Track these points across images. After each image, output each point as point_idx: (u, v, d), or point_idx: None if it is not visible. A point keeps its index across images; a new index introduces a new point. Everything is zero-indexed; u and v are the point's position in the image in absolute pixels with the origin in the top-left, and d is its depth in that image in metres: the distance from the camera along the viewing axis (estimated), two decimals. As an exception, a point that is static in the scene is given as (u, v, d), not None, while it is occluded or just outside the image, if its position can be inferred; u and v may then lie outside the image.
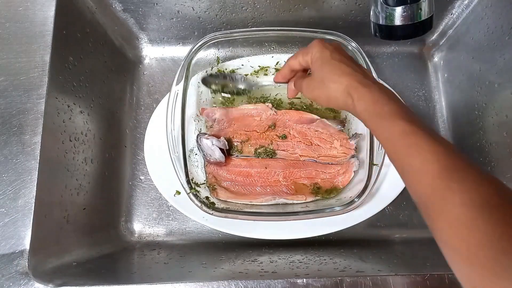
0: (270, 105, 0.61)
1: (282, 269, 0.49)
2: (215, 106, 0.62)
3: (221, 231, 0.58)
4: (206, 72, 0.63)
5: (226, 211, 0.53)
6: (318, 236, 0.57)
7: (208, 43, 0.59)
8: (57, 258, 0.46)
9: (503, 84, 0.55)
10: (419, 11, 0.46)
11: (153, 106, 0.66)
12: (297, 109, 0.62)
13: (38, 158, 0.44)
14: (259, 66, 0.64)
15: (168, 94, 0.57)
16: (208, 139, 0.56)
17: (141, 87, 0.68)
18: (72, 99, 0.52)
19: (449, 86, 0.68)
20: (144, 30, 0.67)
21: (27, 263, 0.41)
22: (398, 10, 0.45)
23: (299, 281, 0.42)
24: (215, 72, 0.63)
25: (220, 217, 0.52)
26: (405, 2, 0.45)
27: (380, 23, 0.48)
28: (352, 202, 0.52)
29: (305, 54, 0.46)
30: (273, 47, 0.66)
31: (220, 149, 0.56)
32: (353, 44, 0.60)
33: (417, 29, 0.47)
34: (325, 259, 0.52)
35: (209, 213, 0.52)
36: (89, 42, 0.57)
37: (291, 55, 0.61)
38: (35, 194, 0.43)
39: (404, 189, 0.60)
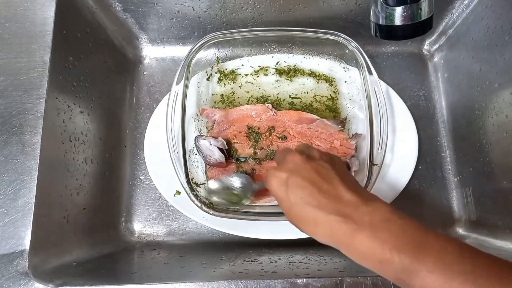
0: (270, 105, 0.61)
1: (282, 269, 0.49)
2: (215, 107, 0.62)
3: (221, 231, 0.58)
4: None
5: (227, 211, 0.53)
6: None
7: (208, 43, 0.59)
8: (57, 258, 0.46)
9: (503, 84, 0.55)
10: (419, 11, 0.46)
11: (153, 106, 0.66)
12: (296, 109, 0.62)
13: (38, 158, 0.44)
14: (259, 66, 0.64)
15: (168, 94, 0.57)
16: (205, 139, 0.56)
17: (141, 87, 0.68)
18: (72, 99, 0.52)
19: (449, 86, 0.68)
20: (144, 30, 0.67)
21: (27, 263, 0.41)
22: (398, 10, 0.45)
23: (299, 281, 0.42)
24: (215, 188, 0.53)
25: (220, 217, 0.52)
26: (405, 2, 0.45)
27: (380, 23, 0.48)
28: None
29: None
30: (273, 47, 0.66)
31: (220, 149, 0.56)
32: (353, 44, 0.60)
33: (417, 29, 0.47)
34: (325, 259, 0.52)
35: (209, 213, 0.52)
36: (89, 42, 0.57)
37: (291, 55, 0.62)
38: (35, 194, 0.43)
39: (404, 189, 0.60)
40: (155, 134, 0.61)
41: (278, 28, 0.60)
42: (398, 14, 0.46)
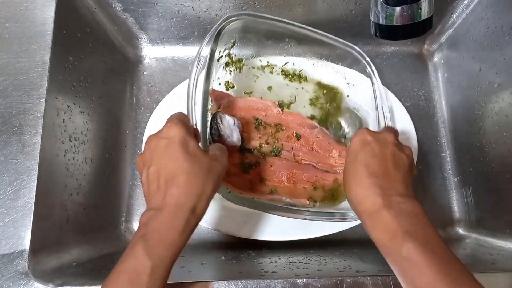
0: (276, 102, 0.60)
1: (282, 269, 0.49)
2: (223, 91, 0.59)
3: (220, 232, 0.58)
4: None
5: (243, 200, 0.49)
6: (318, 236, 0.57)
7: (237, 19, 0.54)
8: (57, 258, 0.46)
9: (503, 84, 0.55)
10: (419, 11, 0.46)
11: (153, 106, 0.66)
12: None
13: (38, 158, 0.44)
14: (267, 62, 0.63)
15: (168, 94, 0.57)
16: (231, 117, 0.52)
17: (141, 87, 0.68)
18: (72, 99, 0.52)
19: (449, 86, 0.68)
20: (144, 30, 0.67)
21: (27, 263, 0.41)
22: (398, 10, 0.45)
23: (299, 281, 0.42)
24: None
25: (235, 202, 0.47)
26: (405, 2, 0.45)
27: (380, 23, 0.48)
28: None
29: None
30: (291, 45, 0.62)
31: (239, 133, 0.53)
32: (367, 59, 0.60)
33: (417, 29, 0.47)
34: (325, 259, 0.52)
35: (225, 197, 0.47)
36: (89, 42, 0.57)
37: (304, 58, 0.59)
38: (35, 194, 0.43)
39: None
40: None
41: (309, 28, 0.58)
42: (398, 14, 0.46)
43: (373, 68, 0.60)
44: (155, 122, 0.62)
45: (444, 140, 0.67)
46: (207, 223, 0.56)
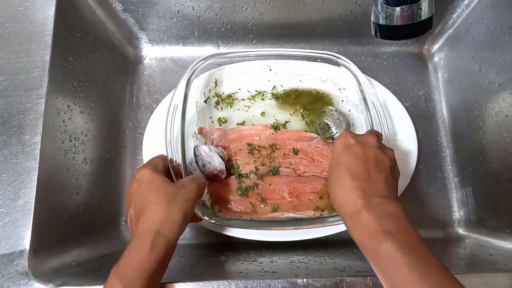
0: (269, 125, 0.60)
1: (282, 269, 0.49)
2: (214, 127, 0.60)
3: (220, 232, 0.58)
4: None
5: (228, 220, 0.52)
6: (318, 236, 0.57)
7: (206, 63, 0.57)
8: (57, 258, 0.46)
9: (503, 84, 0.55)
10: (419, 11, 0.46)
11: (153, 106, 0.66)
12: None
13: (38, 158, 0.44)
14: (256, 91, 0.63)
15: (167, 96, 0.57)
16: (205, 145, 0.55)
17: (141, 87, 0.68)
18: (72, 99, 0.52)
19: (449, 86, 0.68)
20: (144, 30, 0.67)
21: (27, 263, 0.41)
22: (398, 10, 0.45)
23: (299, 281, 0.42)
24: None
25: (223, 225, 0.52)
26: (405, 2, 0.45)
27: (380, 23, 0.48)
28: None
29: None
30: (270, 69, 0.63)
31: (220, 157, 0.54)
32: (351, 65, 0.59)
33: (417, 29, 0.47)
34: (325, 259, 0.52)
35: (211, 222, 0.50)
36: (89, 42, 0.57)
37: (288, 79, 0.60)
38: (35, 194, 0.43)
39: (404, 189, 0.60)
40: (154, 135, 0.60)
41: (273, 50, 0.60)
42: (398, 14, 0.46)
43: (352, 67, 0.59)
44: (155, 122, 0.61)
45: (444, 140, 0.67)
46: (207, 224, 0.56)
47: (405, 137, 0.62)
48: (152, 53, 0.70)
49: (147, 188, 0.42)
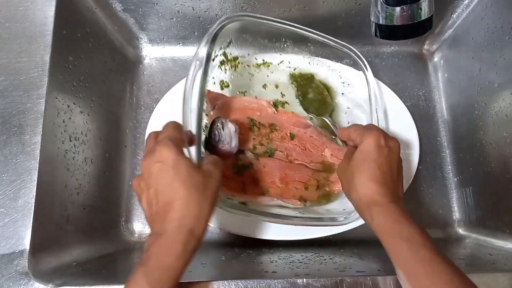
0: (271, 101, 0.60)
1: (282, 269, 0.49)
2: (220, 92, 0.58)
3: (220, 231, 0.58)
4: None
5: (234, 206, 0.49)
6: (318, 236, 0.57)
7: (233, 20, 0.52)
8: (57, 258, 0.46)
9: (503, 84, 0.55)
10: (419, 11, 0.46)
11: (153, 106, 0.66)
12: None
13: (38, 158, 0.44)
14: (263, 60, 0.62)
15: (167, 93, 0.56)
16: (233, 124, 0.51)
17: (141, 87, 0.68)
18: (72, 99, 0.52)
19: (449, 86, 0.68)
20: (144, 30, 0.67)
21: (27, 263, 0.41)
22: (398, 10, 0.46)
23: (299, 281, 0.42)
24: None
25: (228, 211, 0.48)
26: (405, 2, 0.45)
27: (380, 23, 0.48)
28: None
29: (357, 135, 0.49)
30: (287, 44, 0.62)
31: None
32: (365, 62, 0.59)
33: (417, 29, 0.47)
34: (325, 259, 0.52)
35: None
36: (89, 42, 0.57)
37: (300, 56, 0.59)
38: (35, 194, 0.43)
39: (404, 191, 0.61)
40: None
41: (309, 29, 0.58)
42: (398, 14, 0.46)
43: (369, 71, 0.59)
44: (155, 122, 0.61)
45: (444, 140, 0.67)
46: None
47: (407, 140, 0.62)
48: (152, 53, 0.70)
49: (174, 175, 0.37)
